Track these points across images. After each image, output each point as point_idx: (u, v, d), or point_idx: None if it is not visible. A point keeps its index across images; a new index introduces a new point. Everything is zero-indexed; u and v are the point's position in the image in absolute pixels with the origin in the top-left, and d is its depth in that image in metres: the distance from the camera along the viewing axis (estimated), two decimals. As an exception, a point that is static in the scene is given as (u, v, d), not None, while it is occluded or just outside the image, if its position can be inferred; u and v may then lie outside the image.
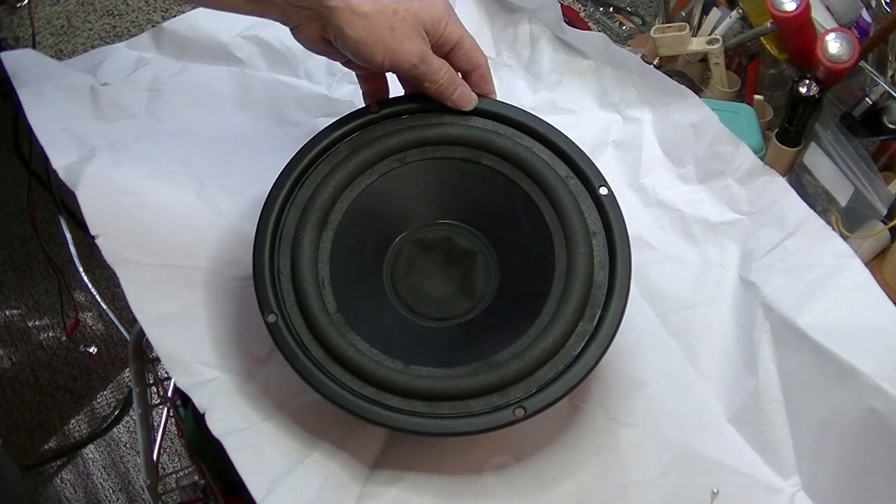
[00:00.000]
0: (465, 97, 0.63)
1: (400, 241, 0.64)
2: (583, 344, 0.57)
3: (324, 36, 0.61)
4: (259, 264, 0.58)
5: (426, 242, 0.64)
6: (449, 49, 0.63)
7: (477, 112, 0.64)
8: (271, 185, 0.61)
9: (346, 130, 0.63)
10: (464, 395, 0.55)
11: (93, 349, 1.56)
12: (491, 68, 0.65)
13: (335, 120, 0.64)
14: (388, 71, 0.62)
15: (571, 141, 0.63)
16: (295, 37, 0.63)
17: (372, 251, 0.63)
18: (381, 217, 0.63)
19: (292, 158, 0.62)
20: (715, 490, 0.59)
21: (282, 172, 0.61)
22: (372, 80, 0.67)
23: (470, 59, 0.64)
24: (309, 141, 0.63)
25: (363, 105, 0.65)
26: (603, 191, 0.60)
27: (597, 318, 0.57)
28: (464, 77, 0.64)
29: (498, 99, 0.65)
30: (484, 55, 0.65)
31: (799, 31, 0.78)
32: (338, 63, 0.83)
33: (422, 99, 0.64)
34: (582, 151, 0.62)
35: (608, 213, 0.60)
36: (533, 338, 0.57)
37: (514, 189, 0.62)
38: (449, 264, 0.63)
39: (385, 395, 0.56)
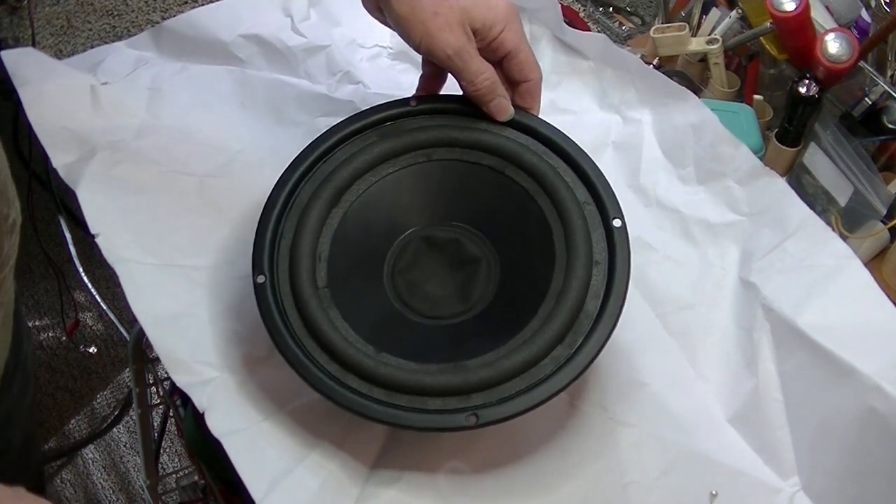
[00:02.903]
0: (502, 108, 0.63)
1: (409, 235, 0.64)
2: (555, 367, 0.56)
3: (378, 4, 0.62)
4: (263, 227, 0.59)
5: (435, 241, 0.64)
6: (502, 56, 0.62)
7: (512, 124, 0.64)
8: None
9: (380, 118, 0.64)
10: (423, 391, 0.55)
11: (93, 349, 1.56)
12: None
13: (371, 106, 0.64)
14: (425, 55, 0.62)
15: (597, 167, 0.62)
16: (362, 1, 0.65)
17: (379, 238, 0.63)
18: (396, 207, 0.64)
19: (320, 135, 0.63)
20: (714, 492, 0.59)
21: (307, 147, 0.62)
22: (431, 63, 0.66)
23: (521, 70, 0.63)
24: (339, 122, 0.63)
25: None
26: (616, 223, 0.60)
27: (577, 345, 0.57)
28: (513, 88, 0.64)
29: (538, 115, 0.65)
30: (539, 71, 0.64)
31: (798, 31, 0.78)
32: (338, 63, 0.84)
33: (462, 101, 0.65)
34: (605, 180, 0.62)
35: (616, 246, 0.59)
36: (508, 351, 0.56)
37: (531, 205, 0.62)
38: (452, 267, 0.63)
39: (348, 376, 0.56)
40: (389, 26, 0.64)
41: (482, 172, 0.63)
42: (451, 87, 0.67)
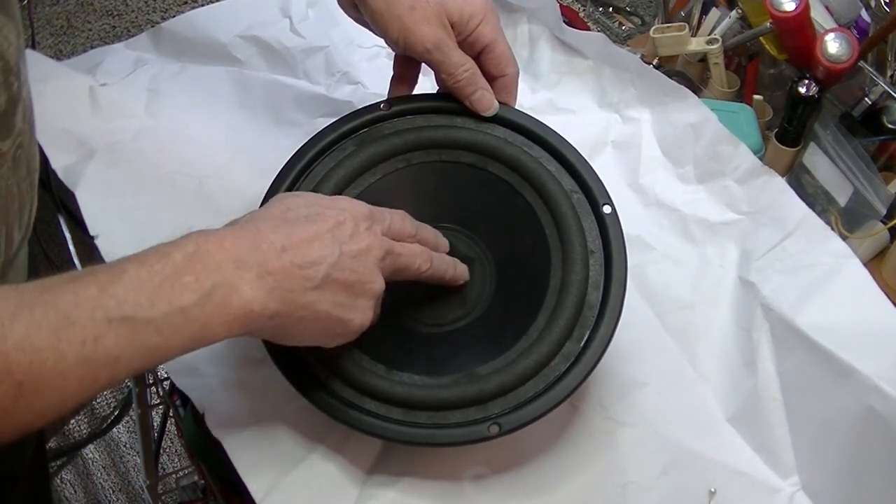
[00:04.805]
0: (485, 101, 0.62)
1: None
2: (567, 365, 0.56)
3: (353, 1, 0.62)
4: None
5: None
6: (479, 50, 0.62)
7: (487, 117, 0.63)
8: (272, 180, 0.61)
9: (354, 126, 0.63)
10: (441, 405, 0.55)
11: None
12: None
13: (345, 115, 0.64)
14: (403, 51, 0.62)
15: (580, 154, 0.62)
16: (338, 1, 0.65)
17: None
18: None
19: (297, 151, 0.62)
20: (712, 489, 0.59)
21: (285, 165, 0.61)
22: (404, 64, 0.66)
23: (499, 64, 0.63)
24: (315, 134, 0.63)
25: (367, 104, 0.65)
26: (606, 209, 0.59)
27: (584, 339, 0.56)
28: (490, 83, 0.63)
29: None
30: (516, 65, 0.64)
31: (798, 31, 0.78)
32: (337, 63, 0.84)
33: (435, 99, 0.64)
34: (590, 166, 0.61)
35: (609, 233, 0.59)
36: (518, 353, 0.56)
37: (517, 199, 0.61)
38: None
39: (364, 399, 0.56)
40: (365, 25, 0.64)
41: (464, 171, 0.63)
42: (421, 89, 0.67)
